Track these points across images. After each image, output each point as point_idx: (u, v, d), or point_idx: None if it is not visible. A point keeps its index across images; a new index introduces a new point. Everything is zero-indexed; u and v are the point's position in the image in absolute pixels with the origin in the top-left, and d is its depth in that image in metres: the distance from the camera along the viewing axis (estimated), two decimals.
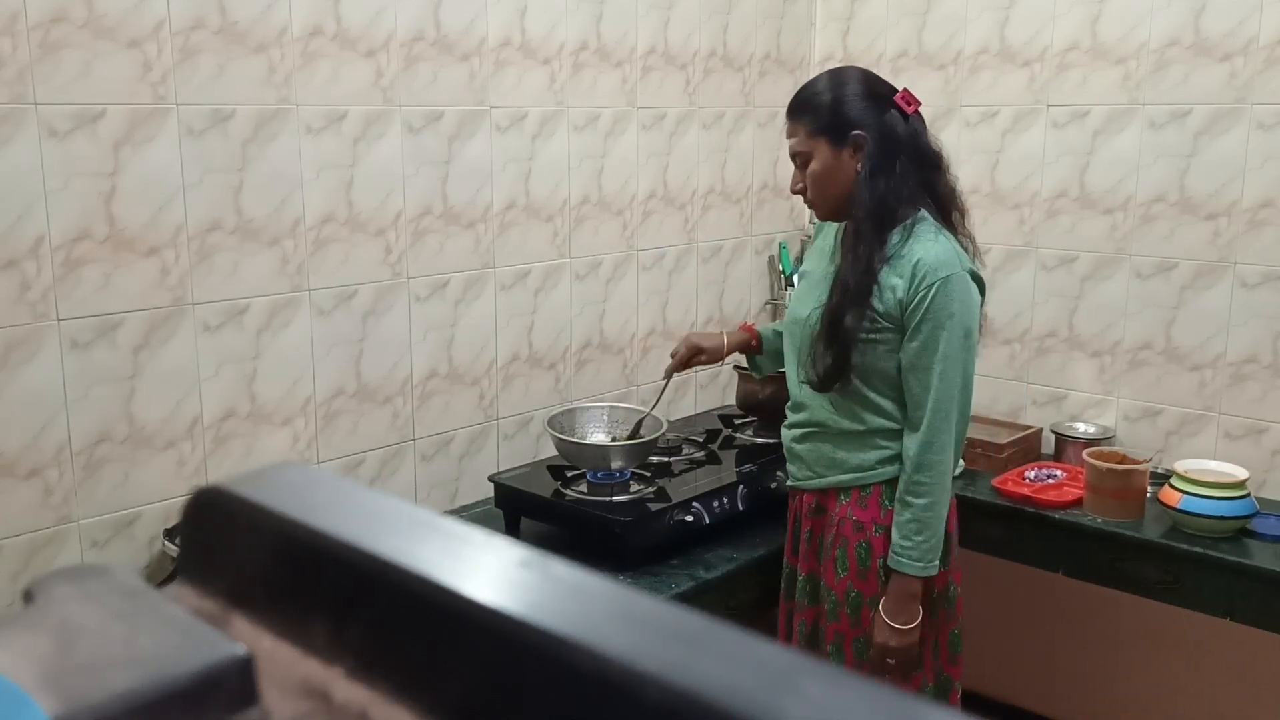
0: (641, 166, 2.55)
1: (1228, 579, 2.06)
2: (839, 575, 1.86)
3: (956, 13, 2.69)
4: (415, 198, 2.12)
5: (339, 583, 0.38)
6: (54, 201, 1.66)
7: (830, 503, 1.88)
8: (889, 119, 1.77)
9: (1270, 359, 2.34)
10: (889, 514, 1.82)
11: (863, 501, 1.84)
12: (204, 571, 0.42)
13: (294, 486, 0.42)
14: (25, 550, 1.71)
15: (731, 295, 2.86)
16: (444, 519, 0.40)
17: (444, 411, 2.24)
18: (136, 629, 0.36)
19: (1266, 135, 2.29)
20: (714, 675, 0.30)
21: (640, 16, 2.48)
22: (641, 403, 2.57)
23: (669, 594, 1.88)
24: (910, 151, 1.78)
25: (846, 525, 1.85)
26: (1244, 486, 2.13)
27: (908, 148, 1.78)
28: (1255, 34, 2.28)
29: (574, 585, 0.35)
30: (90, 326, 1.73)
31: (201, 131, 1.81)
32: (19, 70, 1.61)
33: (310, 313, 2.00)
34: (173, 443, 1.85)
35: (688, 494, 2.05)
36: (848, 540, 1.85)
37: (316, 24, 1.93)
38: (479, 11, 2.16)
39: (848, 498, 1.86)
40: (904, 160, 1.77)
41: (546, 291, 2.39)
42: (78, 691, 0.32)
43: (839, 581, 1.86)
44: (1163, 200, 2.43)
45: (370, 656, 0.36)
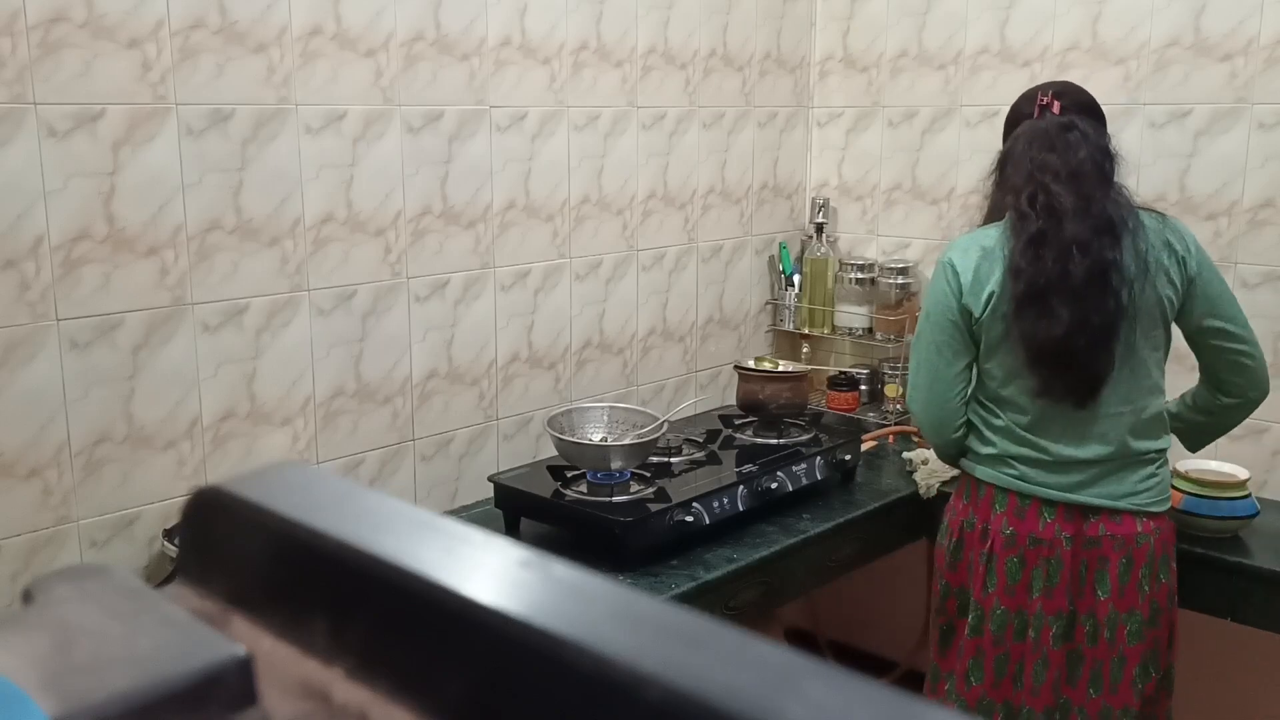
0: (641, 166, 2.55)
1: (1228, 579, 2.06)
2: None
3: (956, 13, 2.69)
4: (415, 198, 2.12)
5: (339, 583, 0.38)
6: (53, 201, 1.66)
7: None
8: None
9: (1270, 359, 2.34)
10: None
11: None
12: (203, 572, 0.42)
13: (293, 486, 0.42)
14: (25, 550, 1.71)
15: (731, 295, 2.86)
16: (444, 519, 0.40)
17: (444, 411, 2.24)
18: (136, 629, 0.36)
19: (1266, 135, 2.29)
20: (714, 675, 0.29)
21: (640, 16, 2.48)
22: (641, 403, 2.57)
23: (669, 594, 1.88)
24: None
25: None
26: (1245, 487, 2.13)
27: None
28: (1255, 34, 2.28)
29: (574, 586, 0.35)
30: (90, 326, 1.73)
31: (201, 131, 1.81)
32: (18, 70, 1.61)
33: (310, 313, 2.00)
34: (172, 443, 1.85)
35: (688, 494, 2.05)
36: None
37: (316, 24, 1.93)
38: (479, 11, 2.16)
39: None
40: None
41: (546, 291, 2.39)
42: (77, 691, 0.32)
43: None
44: (1163, 200, 2.42)
45: (370, 656, 0.36)
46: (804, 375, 2.47)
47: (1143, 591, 1.86)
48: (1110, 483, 1.86)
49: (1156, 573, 1.88)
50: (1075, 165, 1.80)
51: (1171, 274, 1.83)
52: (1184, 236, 1.87)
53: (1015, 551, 1.90)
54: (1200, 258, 1.86)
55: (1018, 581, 1.90)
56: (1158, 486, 1.88)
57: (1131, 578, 1.86)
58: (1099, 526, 1.86)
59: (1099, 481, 1.86)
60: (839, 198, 2.98)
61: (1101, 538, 1.86)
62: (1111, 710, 1.88)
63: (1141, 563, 1.86)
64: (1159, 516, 1.89)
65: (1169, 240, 1.84)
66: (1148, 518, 1.87)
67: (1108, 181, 1.83)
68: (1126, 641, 1.87)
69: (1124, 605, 1.87)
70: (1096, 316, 1.76)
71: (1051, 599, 1.88)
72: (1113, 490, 1.86)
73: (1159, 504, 1.89)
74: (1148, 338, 1.84)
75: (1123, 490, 1.86)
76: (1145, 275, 1.79)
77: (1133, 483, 1.86)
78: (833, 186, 2.99)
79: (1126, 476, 1.86)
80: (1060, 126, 1.84)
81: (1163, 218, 1.88)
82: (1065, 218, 1.77)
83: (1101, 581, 1.86)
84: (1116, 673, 1.88)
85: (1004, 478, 1.92)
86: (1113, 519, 1.86)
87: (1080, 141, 1.82)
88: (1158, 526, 1.88)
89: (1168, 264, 1.83)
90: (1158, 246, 1.82)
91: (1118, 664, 1.88)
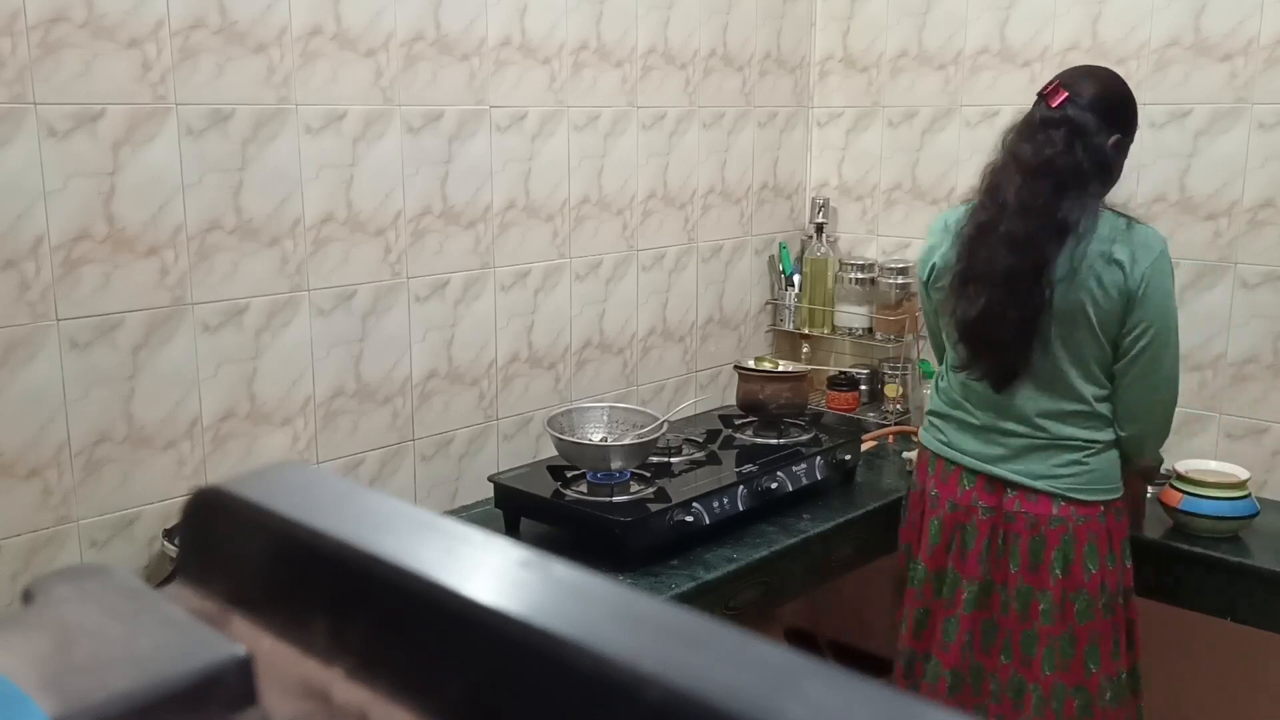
0: (641, 166, 2.55)
1: (1228, 579, 2.06)
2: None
3: (956, 13, 2.69)
4: (415, 198, 2.12)
5: (339, 583, 0.38)
6: (53, 201, 1.66)
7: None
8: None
9: (1271, 359, 2.34)
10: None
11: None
12: (203, 572, 0.42)
13: (293, 486, 0.42)
14: (25, 550, 1.71)
15: (731, 295, 2.86)
16: (444, 519, 0.40)
17: (444, 411, 2.24)
18: (136, 629, 0.36)
19: (1266, 135, 2.29)
20: (714, 675, 0.30)
21: (640, 16, 2.48)
22: (641, 403, 2.57)
23: (669, 594, 1.88)
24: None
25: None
26: (1245, 487, 2.13)
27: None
28: (1255, 34, 2.28)
29: (574, 586, 0.35)
30: (90, 326, 1.73)
31: (201, 131, 1.81)
32: (18, 70, 1.61)
33: (310, 313, 2.00)
34: (172, 443, 1.85)
35: (688, 494, 2.05)
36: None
37: (316, 24, 1.93)
38: (479, 11, 2.16)
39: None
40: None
41: (546, 291, 2.39)
42: (77, 691, 0.32)
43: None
44: (1163, 200, 2.42)
45: (370, 656, 0.36)
46: (804, 375, 2.47)
47: (1054, 574, 1.90)
48: (1029, 461, 1.92)
49: (1080, 559, 1.89)
50: (1042, 161, 1.81)
51: (1104, 281, 1.81)
52: (1143, 249, 1.81)
53: (938, 514, 2.03)
54: (1152, 277, 1.80)
55: (938, 543, 2.02)
56: (1086, 475, 1.90)
57: (1044, 558, 1.90)
58: (1015, 502, 1.93)
59: (1018, 458, 1.93)
60: (839, 198, 2.98)
61: (1016, 514, 1.93)
62: (1025, 682, 1.95)
63: (1054, 545, 1.89)
64: (1088, 505, 1.90)
65: (1114, 250, 1.80)
66: (1067, 502, 1.89)
67: (1081, 181, 1.81)
68: (1041, 619, 1.92)
69: (1036, 582, 1.92)
70: (1015, 311, 1.82)
71: (965, 564, 1.98)
72: (1030, 469, 1.91)
73: (1084, 492, 1.90)
74: (1068, 341, 1.85)
75: (1040, 471, 1.91)
76: (1073, 279, 1.80)
77: (1051, 465, 1.90)
78: (833, 186, 2.99)
79: (1046, 459, 1.90)
80: (1045, 120, 1.84)
81: (1130, 226, 1.84)
82: (1008, 212, 1.82)
83: (1014, 556, 1.93)
84: (1029, 646, 1.93)
85: (935, 443, 2.05)
86: (1028, 497, 1.91)
87: (1061, 138, 1.81)
88: (1082, 514, 1.89)
89: (1101, 271, 1.80)
90: (1095, 254, 1.80)
91: (1030, 638, 1.93)
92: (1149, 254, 1.81)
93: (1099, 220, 1.82)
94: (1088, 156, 1.81)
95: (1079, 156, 1.81)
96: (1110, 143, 1.85)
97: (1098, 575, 1.90)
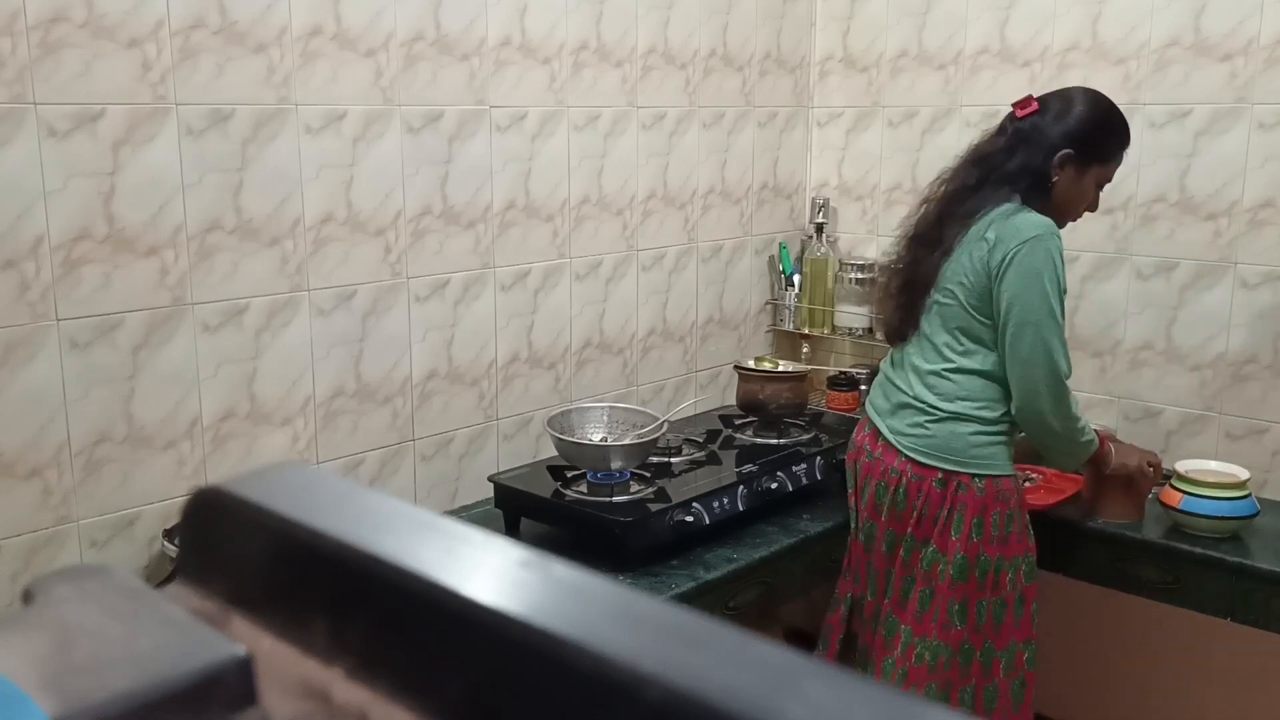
0: (641, 166, 2.55)
1: (1228, 579, 2.06)
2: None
3: (956, 13, 2.69)
4: (415, 198, 2.12)
5: (339, 583, 0.38)
6: (53, 201, 1.66)
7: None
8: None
9: (1270, 359, 2.34)
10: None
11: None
12: (203, 572, 0.42)
13: (293, 486, 0.42)
14: (25, 550, 1.71)
15: (731, 295, 2.86)
16: (444, 519, 0.40)
17: (444, 411, 2.24)
18: (136, 629, 0.36)
19: (1266, 135, 2.29)
20: (714, 675, 0.30)
21: (640, 16, 2.48)
22: (641, 403, 2.57)
23: (669, 594, 1.88)
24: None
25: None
26: (1245, 487, 2.13)
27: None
28: (1255, 34, 2.28)
29: (574, 586, 0.35)
30: (90, 326, 1.73)
31: (201, 131, 1.81)
32: (18, 70, 1.61)
33: (310, 313, 2.00)
34: (172, 443, 1.85)
35: (688, 494, 2.05)
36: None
37: (316, 24, 1.93)
38: (479, 11, 2.16)
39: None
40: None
41: (546, 291, 2.39)
42: (77, 691, 0.32)
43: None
44: (1163, 200, 2.43)
45: (370, 656, 0.36)
46: (804, 375, 2.47)
47: (882, 514, 2.09)
48: (895, 419, 2.09)
49: (909, 514, 2.04)
50: (980, 155, 2.03)
51: (973, 256, 1.96)
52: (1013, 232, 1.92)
53: (848, 453, 2.23)
54: (1016, 260, 1.91)
55: (851, 488, 2.21)
56: (925, 439, 2.03)
57: (883, 501, 2.09)
58: (879, 449, 2.11)
59: (892, 414, 2.10)
60: (839, 198, 2.98)
61: (876, 460, 2.11)
62: (881, 608, 2.13)
63: (890, 490, 2.07)
64: (923, 466, 2.02)
65: (988, 230, 1.95)
66: (906, 459, 2.04)
67: (1008, 180, 1.98)
68: (877, 554, 2.12)
69: (878, 522, 2.10)
70: (909, 272, 2.07)
71: (857, 500, 2.18)
72: (892, 425, 2.09)
73: (921, 454, 2.03)
74: (940, 307, 2.01)
75: (896, 427, 2.08)
76: (961, 249, 1.98)
77: (904, 424, 2.06)
78: (833, 186, 2.99)
79: (904, 417, 2.07)
80: (1003, 126, 2.05)
81: (1015, 212, 1.95)
82: (938, 196, 2.06)
83: (864, 494, 2.14)
84: (873, 579, 2.14)
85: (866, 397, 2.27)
86: (887, 449, 2.09)
87: (1005, 142, 2.00)
88: (916, 473, 2.03)
89: (973, 247, 1.96)
90: (974, 232, 1.96)
91: (875, 572, 2.14)
92: (1017, 237, 1.92)
93: (996, 206, 1.96)
94: (1025, 164, 1.97)
95: (1015, 161, 1.97)
96: (1056, 159, 1.97)
97: (940, 538, 2.01)
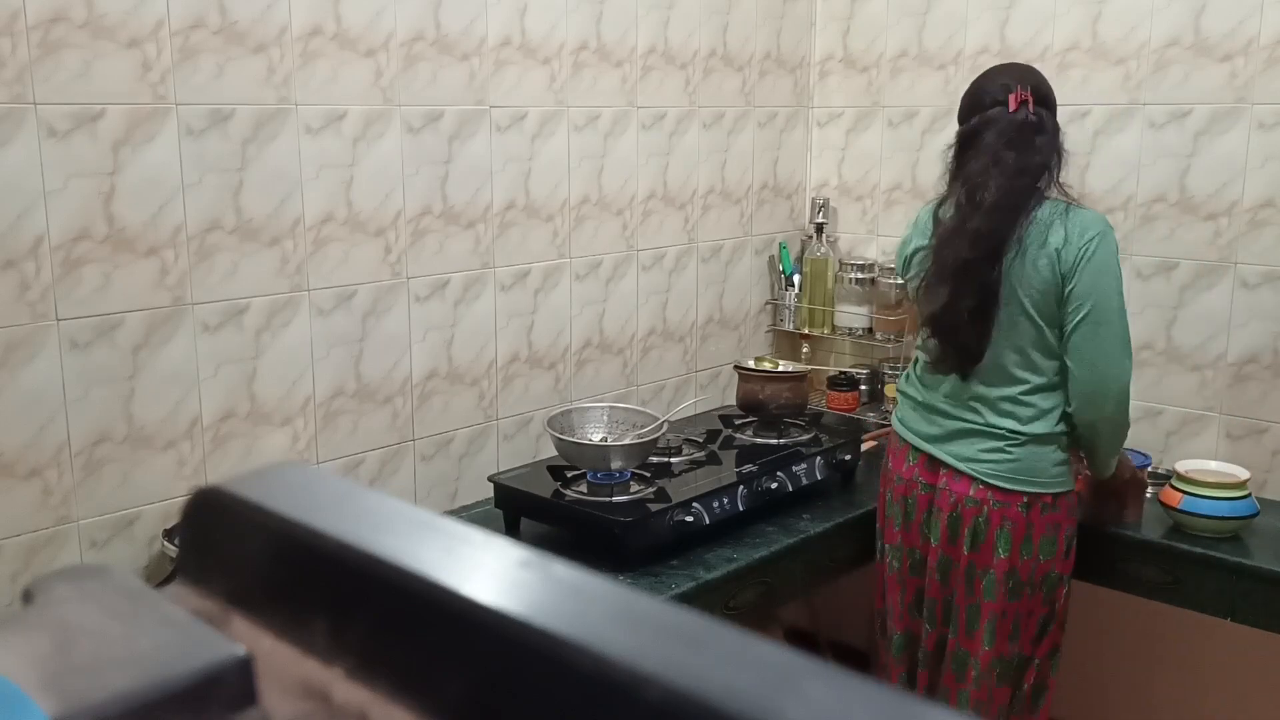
0: (641, 166, 2.55)
1: (1228, 579, 2.06)
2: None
3: (956, 13, 2.69)
4: (415, 198, 2.12)
5: (339, 583, 0.38)
6: (53, 201, 1.66)
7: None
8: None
9: (1270, 359, 2.34)
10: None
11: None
12: (203, 572, 0.42)
13: (293, 486, 0.42)
14: (25, 550, 1.71)
15: (731, 295, 2.86)
16: (444, 519, 0.40)
17: (444, 411, 2.24)
18: (136, 629, 0.36)
19: (1266, 135, 2.29)
20: (714, 675, 0.30)
21: (640, 16, 2.48)
22: (641, 403, 2.57)
23: (669, 594, 1.88)
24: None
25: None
26: (1245, 487, 2.13)
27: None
28: (1255, 34, 2.28)
29: (574, 586, 0.35)
30: (90, 326, 1.73)
31: (201, 131, 1.81)
32: (18, 70, 1.61)
33: (310, 313, 2.00)
34: (172, 443, 1.85)
35: (688, 494, 2.05)
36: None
37: (316, 24, 1.93)
38: (479, 11, 2.16)
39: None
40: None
41: (546, 291, 2.39)
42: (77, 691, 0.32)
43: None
44: (1163, 200, 2.42)
45: (370, 656, 0.36)
46: (804, 375, 2.47)
47: (964, 548, 2.01)
48: (959, 445, 2.02)
49: (991, 543, 1.98)
50: (1025, 166, 1.90)
51: (1039, 264, 1.88)
52: (1078, 229, 1.88)
53: (889, 487, 2.15)
54: (1088, 256, 1.87)
55: (890, 516, 2.15)
56: (1007, 463, 1.97)
57: (959, 533, 2.02)
58: (944, 480, 2.04)
59: (952, 440, 2.03)
60: (839, 198, 2.98)
61: (943, 490, 2.04)
62: (947, 648, 2.08)
63: (966, 524, 2.00)
64: (1006, 493, 1.97)
65: (1049, 233, 1.88)
66: (985, 486, 1.98)
67: (1049, 177, 1.92)
68: (956, 590, 2.04)
69: (953, 554, 2.04)
70: (970, 299, 1.91)
71: (909, 534, 2.11)
72: (958, 451, 2.02)
73: (1004, 480, 1.97)
74: (1007, 327, 1.93)
75: (966, 454, 2.01)
76: (1018, 263, 1.89)
77: (976, 450, 2.00)
78: (833, 186, 2.99)
79: (974, 444, 2.00)
80: (1029, 126, 1.92)
81: (1069, 209, 1.90)
82: (982, 210, 1.90)
83: (934, 529, 2.06)
84: (948, 612, 2.07)
85: (895, 421, 2.16)
86: (954, 477, 2.02)
87: (1044, 144, 1.92)
88: (999, 500, 1.97)
89: (1036, 255, 1.88)
90: (1031, 239, 1.88)
91: (948, 605, 2.07)
92: (1084, 234, 1.88)
93: (1039, 206, 1.91)
94: (1054, 153, 1.93)
95: (1049, 156, 1.93)
96: (1062, 138, 1.96)
97: (1006, 560, 1.98)
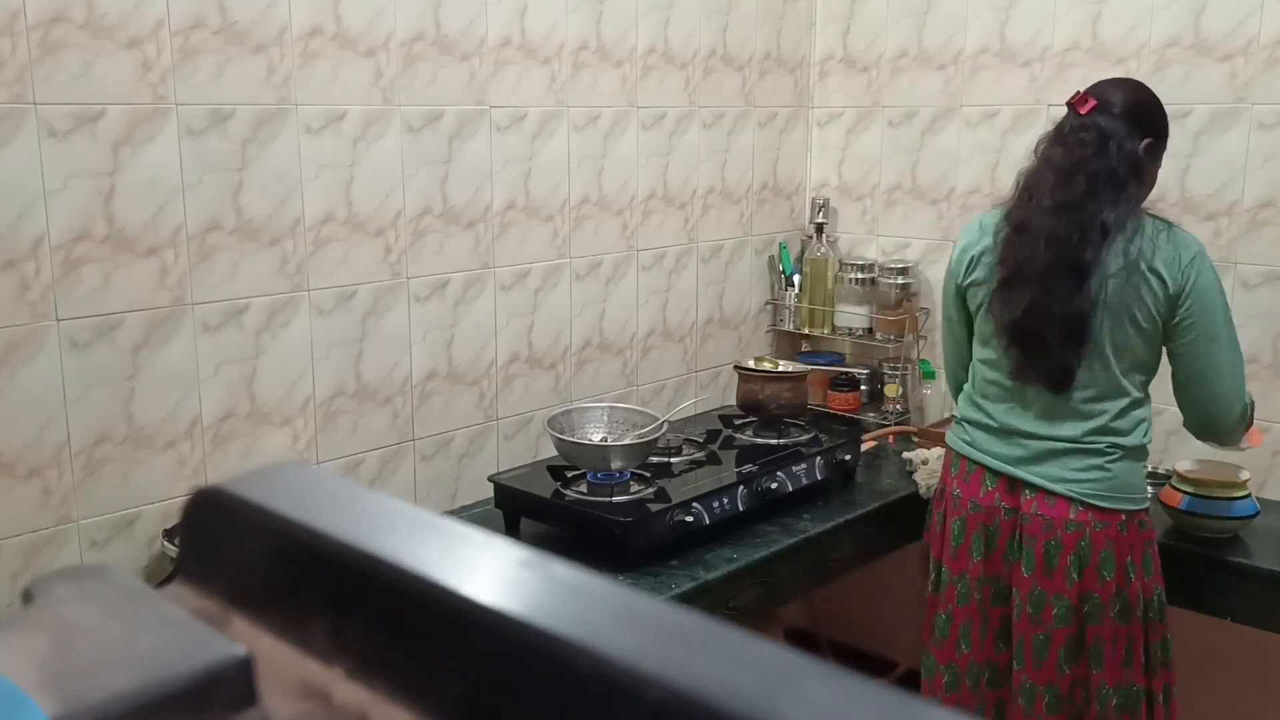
0: (641, 166, 2.55)
1: (1228, 579, 2.06)
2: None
3: (956, 13, 2.69)
4: (415, 198, 2.12)
5: (339, 583, 0.38)
6: (53, 201, 1.66)
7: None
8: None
9: (1270, 359, 2.34)
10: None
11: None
12: (203, 572, 0.42)
13: (293, 486, 0.42)
14: (25, 550, 1.71)
15: (731, 295, 2.86)
16: (444, 519, 0.40)
17: (444, 411, 2.24)
18: (136, 629, 0.36)
19: (1266, 135, 2.29)
20: (714, 675, 0.29)
21: (640, 16, 2.48)
22: (641, 403, 2.57)
23: (669, 594, 1.88)
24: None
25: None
26: (1245, 487, 2.13)
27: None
28: (1255, 34, 2.28)
29: (574, 586, 0.35)
30: (90, 326, 1.73)
31: (201, 131, 1.81)
32: (18, 70, 1.61)
33: (310, 313, 2.00)
34: (172, 443, 1.85)
35: (688, 494, 2.05)
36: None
37: (316, 24, 1.93)
38: (479, 11, 2.16)
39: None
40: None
41: (546, 291, 2.39)
42: (77, 692, 0.32)
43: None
44: (1163, 200, 2.42)
45: (370, 656, 0.36)
46: (804, 375, 2.46)
47: (1070, 578, 1.88)
48: (1050, 465, 1.91)
49: (1095, 566, 1.87)
50: (1074, 162, 1.83)
51: (1151, 285, 1.82)
52: (1183, 249, 1.82)
53: (960, 514, 2.01)
54: (1193, 277, 1.81)
55: (961, 544, 2.01)
56: (1105, 481, 1.88)
57: (1059, 562, 1.88)
58: (1033, 504, 1.92)
59: (1040, 461, 1.91)
60: (839, 198, 2.98)
61: (1033, 515, 1.91)
62: (1036, 687, 1.93)
63: (1070, 550, 1.88)
64: (1106, 512, 1.87)
65: (1155, 256, 1.81)
66: (1085, 508, 1.88)
67: (1116, 183, 1.82)
68: (1054, 623, 1.90)
69: (1049, 586, 1.90)
70: (1060, 307, 1.81)
71: (989, 563, 1.98)
72: (1050, 472, 1.90)
73: (1102, 498, 1.88)
74: (1113, 343, 1.85)
75: (1059, 474, 1.89)
76: (1125, 281, 1.81)
77: (1072, 469, 1.89)
78: (833, 186, 2.99)
79: (1068, 463, 1.89)
80: (1076, 126, 1.86)
81: (1169, 230, 1.84)
82: (1042, 210, 1.84)
83: (1027, 559, 1.92)
84: (1041, 650, 1.91)
85: (959, 443, 2.04)
86: (1046, 500, 1.90)
87: (1092, 141, 1.83)
88: (1100, 520, 1.87)
89: (1146, 276, 1.81)
90: (1139, 259, 1.81)
91: (1041, 642, 1.91)
92: (1187, 254, 1.82)
93: (1141, 223, 1.83)
94: (1121, 160, 1.83)
95: (1112, 159, 1.82)
96: (1142, 146, 1.85)
97: (1112, 583, 1.87)
